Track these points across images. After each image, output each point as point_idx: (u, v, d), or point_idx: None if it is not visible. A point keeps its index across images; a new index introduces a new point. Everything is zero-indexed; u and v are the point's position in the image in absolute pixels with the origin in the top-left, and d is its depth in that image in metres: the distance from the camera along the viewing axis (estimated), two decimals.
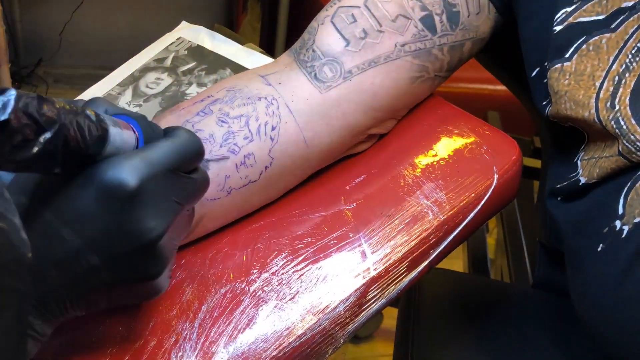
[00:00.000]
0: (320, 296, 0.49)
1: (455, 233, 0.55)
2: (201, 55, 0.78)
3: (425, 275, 0.54)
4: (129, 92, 0.73)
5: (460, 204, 0.55)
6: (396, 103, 0.58)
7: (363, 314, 0.51)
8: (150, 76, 0.74)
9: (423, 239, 0.53)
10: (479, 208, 0.55)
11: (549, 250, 0.72)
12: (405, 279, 0.52)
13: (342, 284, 0.50)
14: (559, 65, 0.51)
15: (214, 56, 0.78)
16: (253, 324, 0.48)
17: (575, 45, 0.51)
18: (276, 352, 0.47)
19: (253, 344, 0.47)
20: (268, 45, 2.05)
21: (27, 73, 2.18)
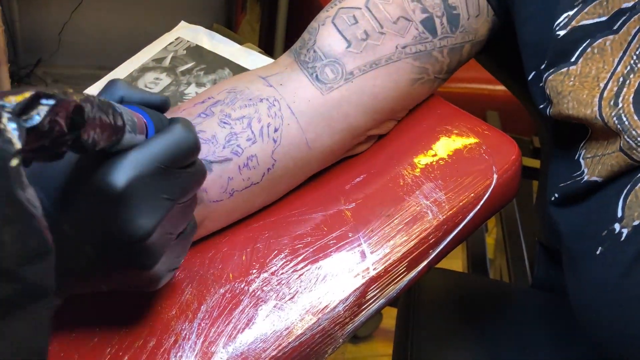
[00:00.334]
0: (319, 296, 0.49)
1: (454, 233, 0.55)
2: (200, 55, 0.78)
3: (424, 275, 0.54)
4: None
5: (460, 203, 0.55)
6: (396, 104, 0.58)
7: (362, 313, 0.51)
8: (149, 76, 0.74)
9: (422, 239, 0.53)
10: (478, 208, 0.55)
11: (548, 250, 0.72)
12: (404, 279, 0.52)
13: (342, 284, 0.50)
14: (564, 69, 0.51)
15: (212, 56, 0.77)
16: (252, 324, 0.48)
17: (581, 49, 0.51)
18: (275, 352, 0.47)
19: (252, 344, 0.47)
20: (267, 45, 2.05)
21: (26, 73, 2.18)
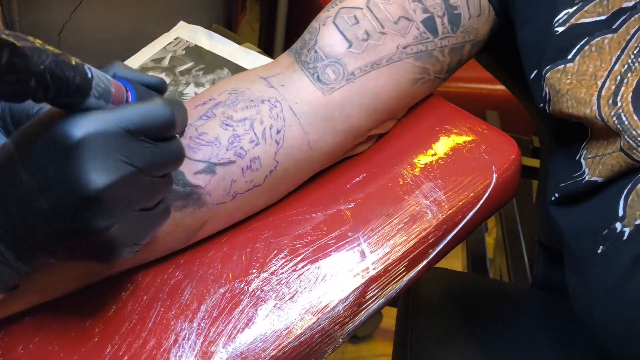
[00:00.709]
0: (319, 296, 0.49)
1: (454, 232, 0.55)
2: (199, 55, 0.78)
3: (424, 275, 0.54)
4: None
5: (459, 203, 0.55)
6: (397, 104, 0.58)
7: (362, 313, 0.51)
8: None
9: (422, 238, 0.53)
10: (477, 207, 0.55)
11: (547, 249, 0.72)
12: (404, 279, 0.52)
13: (341, 284, 0.50)
14: (561, 66, 0.51)
15: (211, 56, 0.77)
16: (252, 323, 0.48)
17: (578, 46, 0.51)
18: (275, 352, 0.47)
19: (252, 343, 0.47)
20: (267, 45, 2.05)
21: None
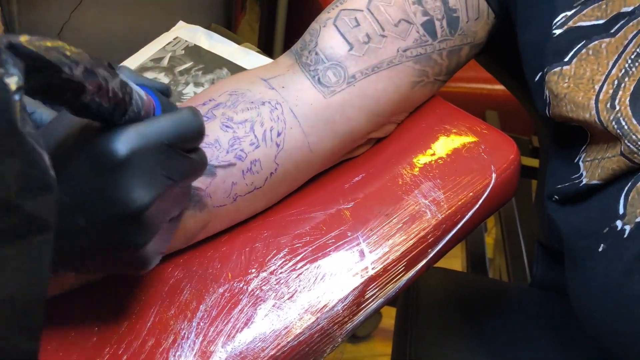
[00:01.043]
0: (318, 295, 0.49)
1: (453, 232, 0.55)
2: (198, 55, 0.78)
3: (423, 274, 0.54)
4: None
5: (459, 203, 0.55)
6: (397, 108, 0.58)
7: (361, 313, 0.51)
8: (148, 76, 0.74)
9: (421, 238, 0.53)
10: (477, 207, 0.55)
11: (547, 249, 0.72)
12: (403, 278, 0.53)
13: (341, 283, 0.50)
14: (558, 68, 0.51)
15: (211, 56, 0.77)
16: (251, 323, 0.48)
17: (575, 49, 0.51)
18: (274, 352, 0.47)
19: (251, 343, 0.47)
20: (267, 45, 2.05)
21: None
